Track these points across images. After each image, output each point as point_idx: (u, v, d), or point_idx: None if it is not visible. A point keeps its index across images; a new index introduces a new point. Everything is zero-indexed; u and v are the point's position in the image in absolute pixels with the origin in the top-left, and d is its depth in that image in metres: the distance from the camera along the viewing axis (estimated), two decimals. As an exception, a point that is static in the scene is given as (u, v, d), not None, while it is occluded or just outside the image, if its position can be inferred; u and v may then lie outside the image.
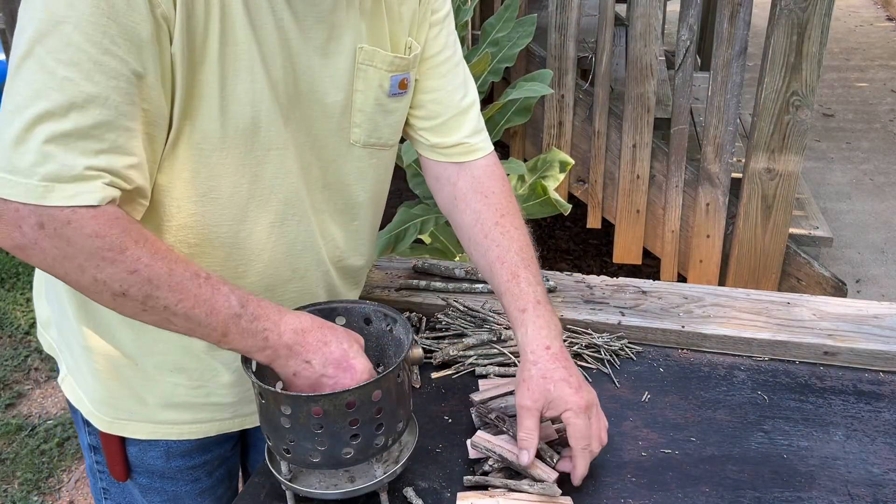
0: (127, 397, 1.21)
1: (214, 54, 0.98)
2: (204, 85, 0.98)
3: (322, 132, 1.13)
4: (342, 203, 1.22)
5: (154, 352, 1.17)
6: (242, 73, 1.01)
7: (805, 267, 3.07)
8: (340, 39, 1.10)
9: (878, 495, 1.06)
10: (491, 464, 1.08)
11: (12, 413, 3.05)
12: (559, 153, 2.90)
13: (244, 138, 1.04)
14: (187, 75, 0.97)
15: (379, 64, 1.14)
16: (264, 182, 1.09)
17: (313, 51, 1.08)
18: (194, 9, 0.95)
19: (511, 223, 1.23)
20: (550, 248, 4.18)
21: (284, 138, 1.08)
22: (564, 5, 3.05)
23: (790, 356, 1.34)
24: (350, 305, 1.12)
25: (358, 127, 1.16)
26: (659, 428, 1.19)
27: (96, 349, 1.18)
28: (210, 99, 0.99)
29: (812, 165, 4.77)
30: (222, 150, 1.03)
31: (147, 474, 1.27)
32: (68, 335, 1.23)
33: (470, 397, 1.22)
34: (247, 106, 1.02)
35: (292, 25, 1.04)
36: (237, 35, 0.99)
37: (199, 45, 0.97)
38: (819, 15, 2.65)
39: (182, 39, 0.94)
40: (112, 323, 1.15)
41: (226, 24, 0.98)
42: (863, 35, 7.65)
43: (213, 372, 1.20)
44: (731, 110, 2.93)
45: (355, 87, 1.14)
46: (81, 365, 1.23)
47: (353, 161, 1.19)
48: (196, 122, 1.00)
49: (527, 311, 1.12)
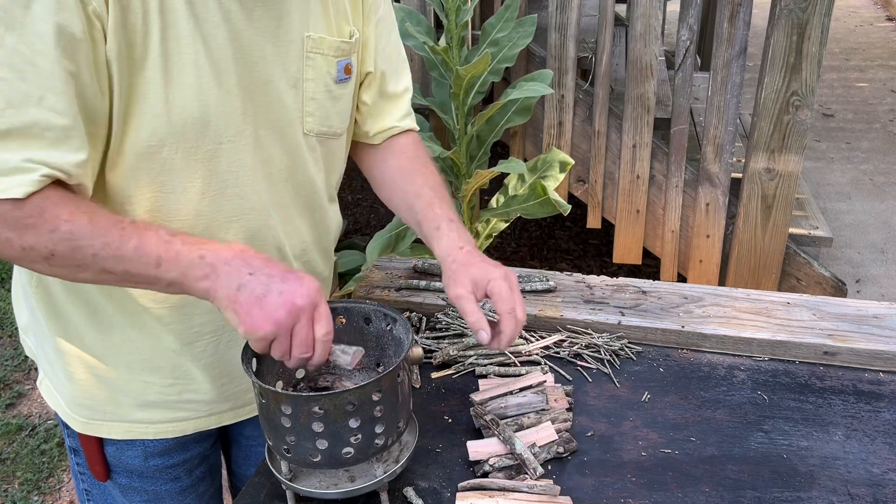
0: (101, 398, 1.21)
1: (156, 51, 0.98)
2: (147, 82, 0.98)
3: (282, 123, 1.14)
4: (306, 195, 1.22)
5: (123, 352, 1.17)
6: (187, 68, 1.00)
7: (805, 267, 3.07)
8: (289, 27, 1.10)
9: (878, 495, 1.06)
10: (492, 463, 1.08)
11: (12, 413, 3.05)
12: (559, 153, 2.90)
13: (193, 132, 1.03)
14: (128, 73, 0.97)
15: (326, 50, 1.15)
16: (219, 176, 1.08)
17: (265, 40, 1.08)
18: (129, 5, 0.94)
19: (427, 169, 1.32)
20: (550, 248, 4.18)
21: (238, 130, 1.08)
22: (564, 5, 3.05)
23: (790, 356, 1.34)
24: (350, 305, 1.12)
25: (311, 116, 1.17)
26: (659, 428, 1.19)
27: (67, 352, 1.19)
28: (154, 96, 0.99)
29: (812, 165, 4.77)
30: (171, 144, 1.03)
31: (126, 474, 1.27)
32: (42, 339, 1.24)
33: (470, 397, 1.22)
34: (193, 100, 1.02)
35: (240, 16, 1.04)
36: (179, 30, 0.99)
37: (139, 42, 0.97)
38: (819, 15, 2.65)
39: (118, 37, 0.94)
40: (79, 325, 1.16)
41: (167, 19, 0.98)
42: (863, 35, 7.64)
43: (184, 370, 1.20)
44: (731, 110, 2.93)
45: (305, 75, 1.14)
46: (56, 368, 1.23)
47: (311, 151, 1.19)
48: (141, 119, 1.00)
49: (440, 227, 1.21)
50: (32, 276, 1.16)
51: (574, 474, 1.10)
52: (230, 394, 1.26)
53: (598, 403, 1.24)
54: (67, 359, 1.19)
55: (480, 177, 2.76)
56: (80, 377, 1.20)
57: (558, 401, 1.21)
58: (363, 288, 1.53)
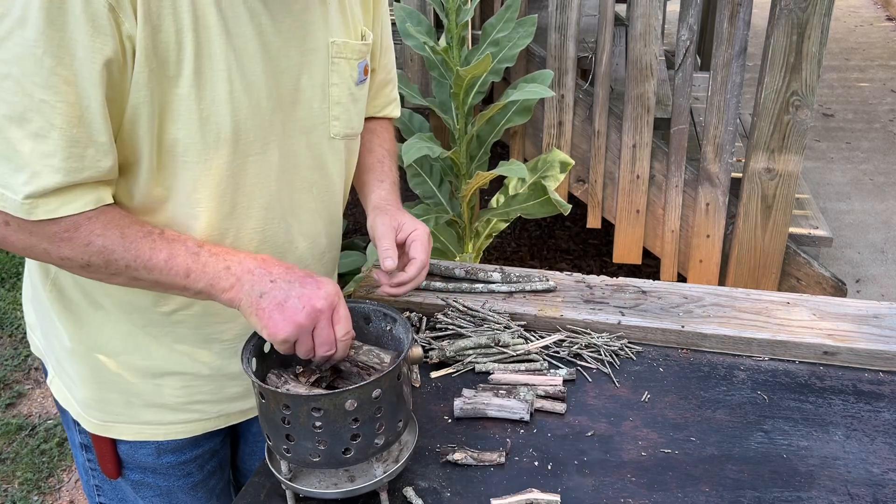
0: (112, 400, 1.22)
1: (189, 68, 0.98)
2: (180, 99, 0.99)
3: (308, 129, 1.15)
4: (328, 199, 1.24)
5: (136, 356, 1.18)
6: (220, 84, 1.01)
7: (805, 267, 3.07)
8: (315, 35, 1.12)
9: (878, 495, 1.06)
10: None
11: (12, 413, 3.05)
12: (559, 154, 2.90)
13: (226, 147, 1.04)
14: (160, 92, 0.98)
15: (349, 54, 1.17)
16: (246, 189, 1.10)
17: (293, 49, 1.09)
18: (161, 25, 0.95)
19: (386, 144, 1.42)
20: (550, 248, 4.18)
21: (265, 143, 1.09)
22: (564, 5, 3.05)
23: (790, 356, 1.34)
24: (350, 305, 1.12)
25: (336, 120, 1.19)
26: (659, 428, 1.19)
27: (80, 353, 1.19)
28: (188, 112, 1.00)
29: (812, 165, 4.77)
30: (205, 161, 1.04)
31: (139, 471, 1.28)
32: (53, 339, 1.24)
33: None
34: (226, 116, 1.03)
35: (271, 28, 1.05)
36: (213, 46, 1.00)
37: (172, 60, 0.97)
38: (819, 15, 2.65)
39: (148, 58, 0.95)
40: (93, 329, 1.16)
41: (200, 36, 0.98)
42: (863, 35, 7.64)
43: (196, 373, 1.21)
44: (731, 110, 2.93)
45: (331, 80, 1.16)
46: (67, 367, 1.24)
47: (335, 154, 1.21)
48: (175, 135, 1.01)
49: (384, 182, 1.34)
50: (46, 277, 1.17)
51: (574, 474, 1.10)
52: (239, 394, 1.27)
53: (598, 403, 1.24)
54: (79, 359, 1.20)
55: (480, 178, 2.76)
56: (92, 378, 1.21)
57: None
58: (363, 288, 1.53)
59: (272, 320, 0.98)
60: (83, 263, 0.99)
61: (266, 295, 0.99)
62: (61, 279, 1.16)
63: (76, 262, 0.99)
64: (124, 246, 0.99)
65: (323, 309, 0.99)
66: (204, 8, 0.98)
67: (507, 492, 1.06)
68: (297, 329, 0.98)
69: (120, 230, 0.99)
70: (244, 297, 1.00)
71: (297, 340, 1.00)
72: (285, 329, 0.98)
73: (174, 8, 0.96)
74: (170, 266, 1.00)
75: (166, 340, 1.17)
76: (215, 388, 1.24)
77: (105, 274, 1.01)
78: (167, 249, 1.00)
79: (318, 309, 0.99)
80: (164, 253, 1.00)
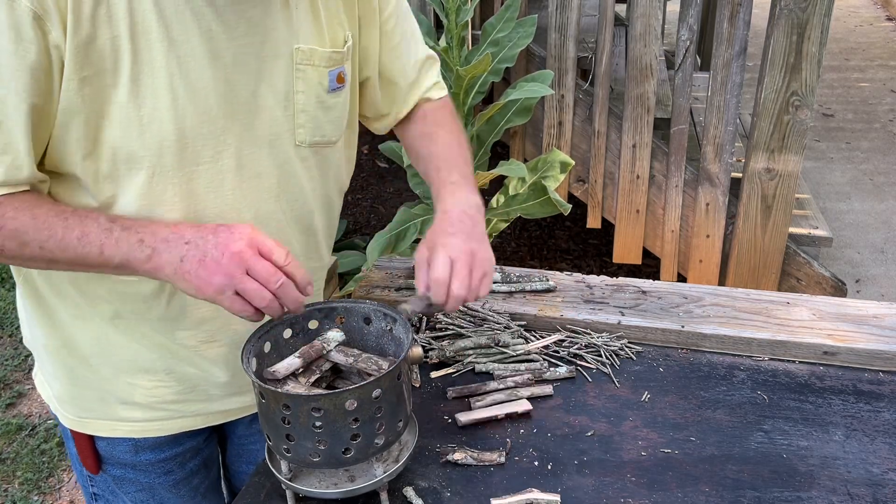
0: (87, 396, 1.22)
1: (126, 76, 0.98)
2: (119, 107, 0.99)
3: (270, 137, 1.12)
4: (298, 209, 1.21)
5: (108, 353, 1.17)
6: (161, 91, 1.00)
7: (805, 267, 3.07)
8: (276, 42, 1.09)
9: (878, 495, 1.06)
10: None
11: (12, 413, 3.05)
12: (560, 154, 2.90)
13: (170, 155, 1.03)
14: (96, 99, 0.97)
15: (317, 62, 1.14)
16: (198, 197, 1.08)
17: (249, 56, 1.07)
18: (96, 33, 0.94)
19: (443, 130, 1.33)
20: (550, 248, 4.18)
21: (217, 151, 1.07)
22: (564, 5, 3.05)
23: (790, 356, 1.34)
24: (350, 305, 1.12)
25: (302, 127, 1.16)
26: (659, 428, 1.19)
27: (55, 350, 1.20)
28: (127, 119, 0.99)
29: (812, 165, 4.77)
30: (149, 167, 1.03)
31: (119, 466, 1.29)
32: (34, 334, 1.25)
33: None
34: (169, 123, 1.02)
35: (222, 35, 1.03)
36: (153, 53, 0.98)
37: (108, 69, 0.97)
38: (819, 15, 2.65)
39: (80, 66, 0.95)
40: (66, 324, 1.16)
41: (138, 43, 0.97)
42: (863, 35, 7.64)
43: (169, 374, 1.20)
44: (731, 110, 2.93)
45: (296, 88, 1.13)
46: (45, 363, 1.25)
47: (301, 162, 1.18)
48: (115, 143, 1.00)
49: (440, 192, 1.23)
50: (20, 273, 1.17)
51: (574, 474, 1.10)
52: (218, 396, 1.26)
53: (598, 403, 1.24)
54: (55, 356, 1.20)
55: (480, 178, 2.76)
56: (67, 374, 1.21)
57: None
58: (363, 288, 1.53)
59: (198, 278, 0.96)
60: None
61: (185, 257, 0.97)
62: (32, 275, 1.16)
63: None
64: (35, 227, 0.98)
65: (242, 249, 0.96)
66: (143, 14, 0.97)
67: (507, 492, 1.06)
68: (226, 277, 0.95)
69: (31, 212, 0.99)
70: (166, 265, 0.98)
71: (237, 290, 0.96)
72: (213, 281, 0.95)
73: (109, 16, 0.94)
74: (83, 244, 0.98)
75: (135, 337, 1.16)
76: (188, 388, 1.22)
77: (21, 258, 1.01)
78: (79, 228, 0.99)
79: (238, 251, 0.96)
80: (76, 231, 0.98)
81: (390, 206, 4.55)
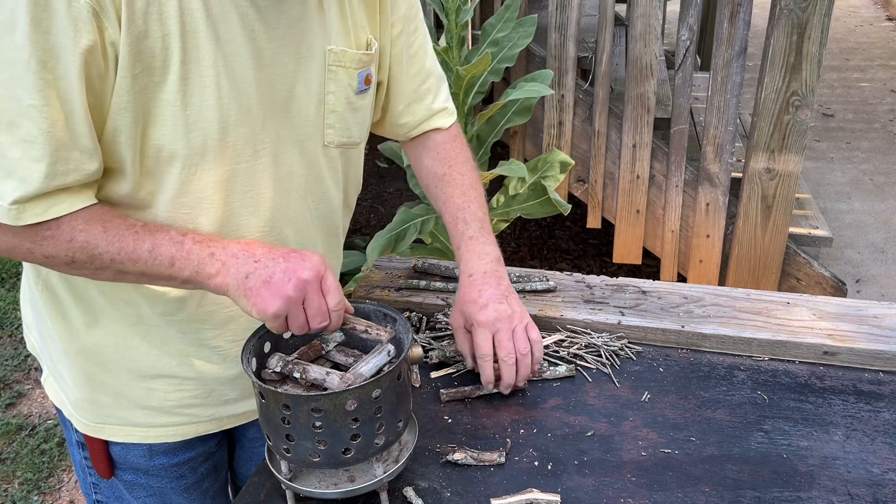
0: (103, 402, 1.22)
1: (176, 74, 0.98)
2: (166, 105, 0.99)
3: (302, 136, 1.14)
4: (324, 208, 1.23)
5: (127, 358, 1.17)
6: (208, 90, 1.01)
7: (805, 267, 3.07)
8: (311, 43, 1.10)
9: (878, 495, 1.06)
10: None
11: (12, 413, 3.05)
12: (560, 154, 2.90)
13: (213, 153, 1.04)
14: (144, 96, 0.97)
15: (348, 63, 1.15)
16: (237, 196, 1.09)
17: (288, 57, 1.08)
18: (147, 31, 0.95)
19: (456, 172, 1.36)
20: (550, 248, 4.18)
21: (255, 150, 1.08)
22: (564, 5, 3.05)
23: (790, 356, 1.34)
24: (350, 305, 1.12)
25: (331, 128, 1.17)
26: (659, 428, 1.19)
27: (71, 354, 1.19)
28: (173, 118, 1.00)
29: (812, 165, 4.77)
30: (191, 167, 1.03)
31: (131, 471, 1.28)
32: (46, 338, 1.24)
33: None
34: (213, 122, 1.02)
35: (263, 35, 1.04)
36: (201, 52, 0.99)
37: (157, 66, 0.97)
38: (819, 15, 2.65)
39: (132, 64, 0.95)
40: (83, 330, 1.16)
41: (188, 42, 0.98)
42: (863, 35, 7.64)
43: (186, 378, 1.20)
44: (731, 110, 2.93)
45: (327, 88, 1.14)
46: (60, 368, 1.24)
47: (329, 163, 1.20)
48: (160, 141, 1.00)
49: (460, 248, 1.28)
50: (38, 277, 1.17)
51: (574, 474, 1.10)
52: (232, 399, 1.26)
53: (597, 403, 1.24)
54: (71, 360, 1.20)
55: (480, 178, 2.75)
56: (83, 379, 1.21)
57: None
58: (363, 288, 1.53)
59: (260, 297, 0.97)
60: (67, 260, 0.99)
61: (252, 275, 0.98)
62: (52, 279, 1.16)
63: (60, 259, 0.99)
64: (107, 240, 0.98)
65: (309, 279, 0.98)
66: (192, 14, 0.97)
67: (507, 492, 1.06)
68: (286, 302, 0.97)
69: (102, 224, 0.99)
70: (231, 280, 0.99)
71: (288, 315, 0.98)
72: (274, 304, 0.97)
73: (161, 14, 0.95)
74: (154, 256, 0.99)
75: (156, 342, 1.17)
76: (206, 392, 1.23)
77: (90, 269, 1.01)
78: (150, 240, 1.00)
79: (305, 279, 0.98)
80: (147, 243, 0.99)
81: (390, 206, 4.55)
